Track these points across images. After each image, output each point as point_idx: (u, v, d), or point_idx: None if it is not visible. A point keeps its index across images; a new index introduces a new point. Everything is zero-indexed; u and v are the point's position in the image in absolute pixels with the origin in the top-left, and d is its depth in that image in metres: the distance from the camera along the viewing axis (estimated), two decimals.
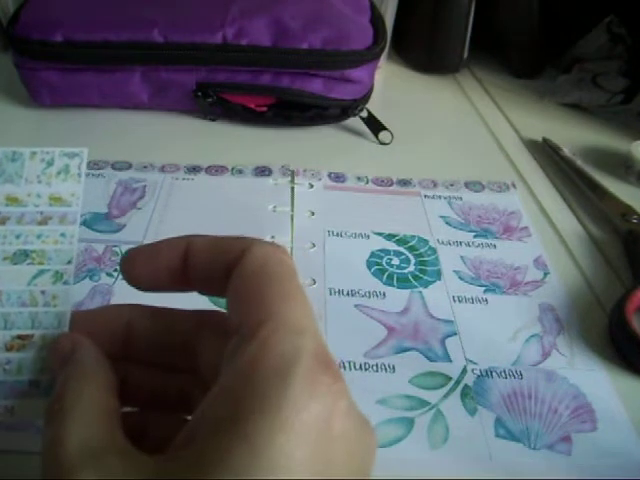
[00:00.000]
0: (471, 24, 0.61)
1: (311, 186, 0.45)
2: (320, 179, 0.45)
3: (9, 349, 0.22)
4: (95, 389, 0.19)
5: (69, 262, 0.23)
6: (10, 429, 0.27)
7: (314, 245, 0.39)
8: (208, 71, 0.48)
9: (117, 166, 0.45)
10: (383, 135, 0.51)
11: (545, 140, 0.52)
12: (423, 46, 0.63)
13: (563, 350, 0.34)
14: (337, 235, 0.40)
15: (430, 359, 0.32)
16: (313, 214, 0.42)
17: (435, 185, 0.46)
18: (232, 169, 0.46)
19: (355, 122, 0.52)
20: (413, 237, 0.41)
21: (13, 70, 0.49)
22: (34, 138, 0.49)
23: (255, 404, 0.15)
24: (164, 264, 0.21)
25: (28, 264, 0.23)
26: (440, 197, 0.45)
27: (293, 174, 0.45)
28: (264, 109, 0.49)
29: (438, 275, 0.38)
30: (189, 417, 0.21)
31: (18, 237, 0.24)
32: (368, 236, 0.40)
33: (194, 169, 0.45)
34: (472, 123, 0.56)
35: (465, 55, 0.63)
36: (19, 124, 0.50)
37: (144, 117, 0.51)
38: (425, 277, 0.38)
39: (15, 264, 0.23)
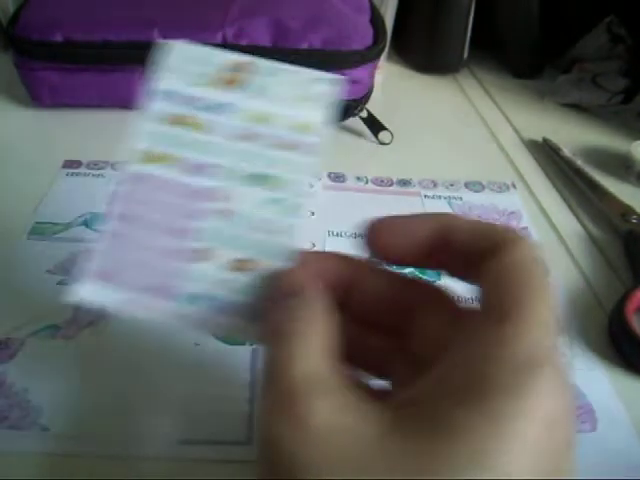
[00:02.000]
0: (471, 24, 0.61)
1: (311, 186, 0.45)
2: (320, 179, 0.45)
3: (232, 269, 0.22)
4: (324, 325, 0.19)
5: (303, 195, 0.23)
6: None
7: (314, 245, 0.39)
8: None
9: (117, 166, 0.45)
10: (383, 135, 0.51)
11: (545, 140, 0.52)
12: (423, 46, 0.63)
13: (563, 350, 0.34)
14: (337, 235, 0.40)
15: None
16: (313, 214, 0.42)
17: (435, 185, 0.46)
18: None
19: (355, 122, 0.52)
20: None
21: (13, 70, 0.49)
22: (34, 138, 0.49)
23: (505, 386, 0.16)
24: (417, 240, 0.21)
25: (264, 189, 0.23)
26: (440, 197, 0.45)
27: None
28: None
29: (438, 275, 0.38)
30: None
31: (260, 158, 0.23)
32: None
33: None
34: (472, 123, 0.56)
35: (465, 55, 0.63)
36: (19, 124, 0.50)
37: None
38: (425, 277, 0.38)
39: (252, 186, 0.23)
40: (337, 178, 0.46)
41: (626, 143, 0.51)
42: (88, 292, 0.22)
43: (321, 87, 0.24)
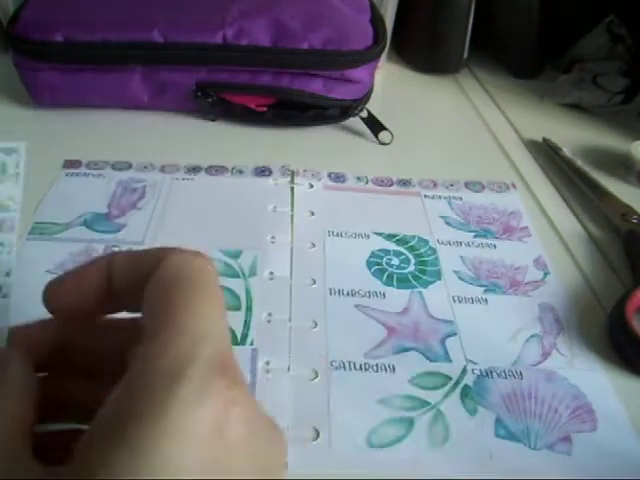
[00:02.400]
0: (471, 24, 0.61)
1: (311, 186, 0.45)
2: (320, 179, 0.45)
3: None
4: (17, 403, 0.18)
5: (7, 274, 0.21)
6: None
7: (314, 245, 0.39)
8: (208, 71, 0.48)
9: (117, 166, 0.45)
10: (383, 135, 0.51)
11: (545, 140, 0.52)
12: (423, 46, 0.63)
13: (563, 350, 0.34)
14: (337, 235, 0.40)
15: (430, 359, 0.32)
16: (313, 214, 0.42)
17: (435, 185, 0.46)
18: (232, 169, 0.46)
19: (355, 122, 0.52)
20: (413, 237, 0.41)
21: (13, 70, 0.49)
22: (34, 138, 0.49)
23: (141, 408, 0.15)
24: (91, 288, 0.20)
25: None
26: (440, 197, 0.45)
27: (293, 174, 0.45)
28: (264, 109, 0.49)
29: (438, 275, 0.38)
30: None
31: None
32: (368, 236, 0.40)
33: (194, 169, 0.45)
34: (472, 123, 0.56)
35: (465, 55, 0.63)
36: (19, 124, 0.50)
37: (144, 117, 0.51)
38: (425, 277, 0.38)
39: None
40: (337, 178, 0.46)
41: (626, 143, 0.51)
42: None
43: (3, 157, 0.22)
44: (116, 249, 0.37)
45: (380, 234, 0.41)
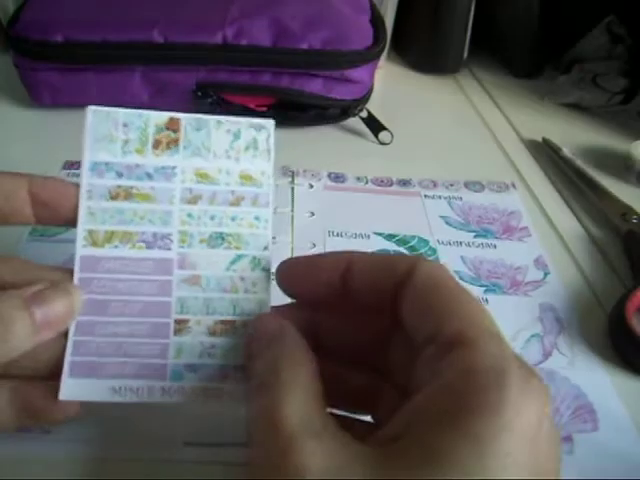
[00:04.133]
0: (471, 24, 0.61)
1: (311, 186, 0.45)
2: (320, 179, 0.45)
3: (212, 333, 0.22)
4: (307, 371, 0.19)
5: (265, 248, 0.23)
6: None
7: (314, 245, 0.39)
8: (208, 71, 0.48)
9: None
10: (383, 135, 0.51)
11: (545, 140, 0.52)
12: (423, 46, 0.63)
13: (564, 350, 0.34)
14: (337, 235, 0.40)
15: None
16: (313, 214, 0.42)
17: (435, 185, 0.46)
18: None
19: (355, 122, 0.52)
20: (413, 237, 0.41)
21: (13, 70, 0.49)
22: (34, 138, 0.49)
23: (479, 402, 0.16)
24: (324, 280, 0.22)
25: (225, 248, 0.22)
26: (440, 197, 0.45)
27: (293, 174, 0.45)
28: (264, 109, 0.49)
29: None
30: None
31: (212, 218, 0.23)
32: (368, 236, 0.40)
33: None
34: (472, 123, 0.56)
35: (465, 55, 0.63)
36: (19, 124, 0.50)
37: None
38: None
39: (212, 247, 0.22)
40: (337, 178, 0.46)
41: (626, 143, 0.51)
42: (69, 391, 0.22)
43: (255, 133, 0.23)
44: None
45: (380, 234, 0.41)
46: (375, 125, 0.51)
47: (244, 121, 0.24)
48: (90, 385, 0.22)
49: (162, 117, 0.23)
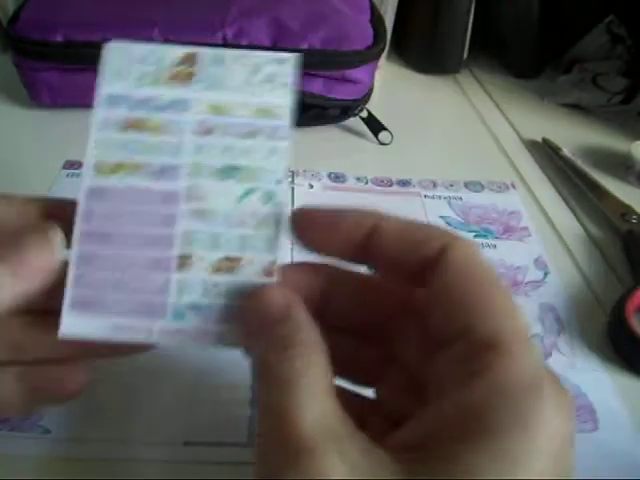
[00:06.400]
0: (471, 24, 0.61)
1: (311, 186, 0.45)
2: (320, 179, 0.45)
3: (217, 271, 0.21)
4: (321, 363, 0.17)
5: (279, 182, 0.22)
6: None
7: None
8: None
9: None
10: (383, 135, 0.51)
11: (545, 140, 0.52)
12: (423, 46, 0.63)
13: (564, 350, 0.34)
14: None
15: None
16: None
17: (435, 185, 0.46)
18: None
19: (355, 122, 0.52)
20: None
21: (13, 70, 0.49)
22: (34, 138, 0.49)
23: (515, 422, 0.15)
24: (344, 236, 0.20)
25: (236, 181, 0.21)
26: (440, 197, 0.45)
27: (293, 175, 0.45)
28: None
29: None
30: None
31: (224, 151, 0.22)
32: None
33: None
34: (472, 123, 0.56)
35: (465, 55, 0.63)
36: (19, 124, 0.50)
37: None
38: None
39: (222, 180, 0.22)
40: (337, 178, 0.46)
41: (626, 143, 0.51)
42: (70, 326, 0.21)
43: (276, 68, 0.23)
44: None
45: None
46: (375, 125, 0.51)
47: (264, 55, 0.23)
48: (91, 321, 0.21)
49: (178, 51, 0.23)
